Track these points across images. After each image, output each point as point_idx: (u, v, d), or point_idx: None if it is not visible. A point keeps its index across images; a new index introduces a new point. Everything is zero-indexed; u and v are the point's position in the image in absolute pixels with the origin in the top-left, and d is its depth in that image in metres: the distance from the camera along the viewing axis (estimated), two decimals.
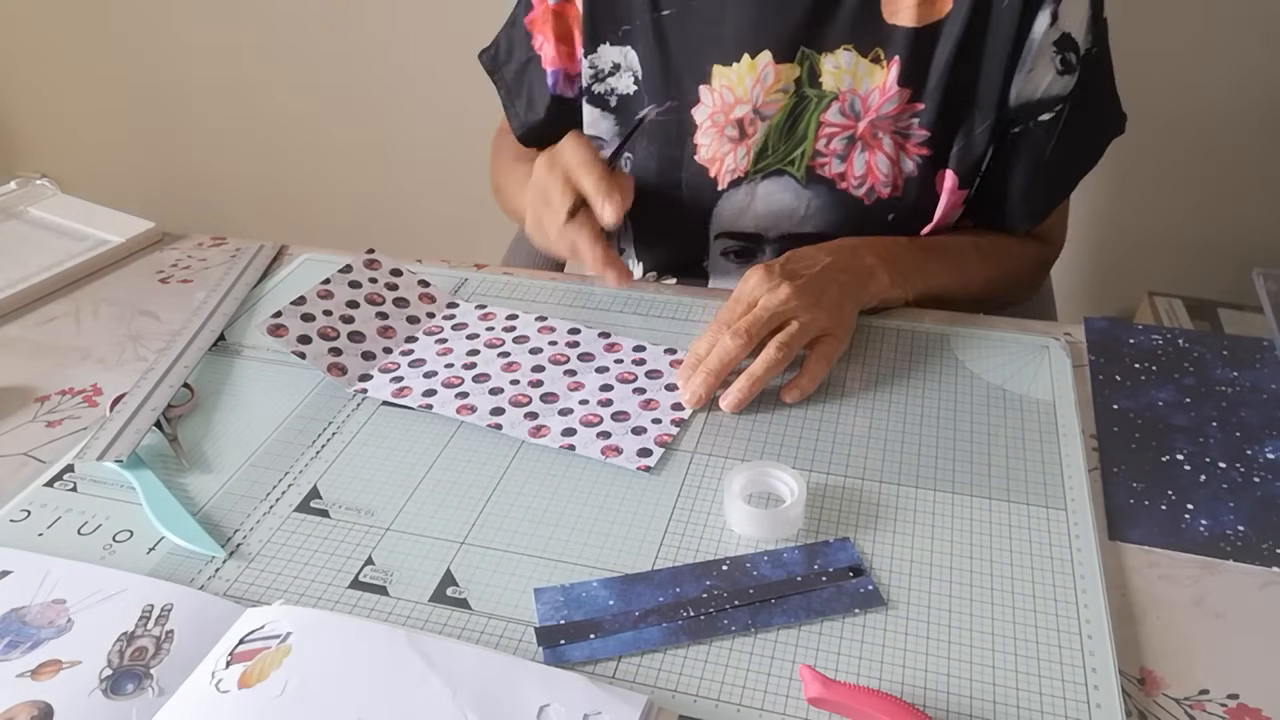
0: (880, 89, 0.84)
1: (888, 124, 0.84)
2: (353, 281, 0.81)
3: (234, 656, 0.51)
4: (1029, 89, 0.83)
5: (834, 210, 0.87)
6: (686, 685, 0.51)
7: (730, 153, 0.88)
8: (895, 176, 0.86)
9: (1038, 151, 0.85)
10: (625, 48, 0.90)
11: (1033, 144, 0.85)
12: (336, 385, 0.73)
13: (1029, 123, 0.84)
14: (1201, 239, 1.53)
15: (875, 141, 0.85)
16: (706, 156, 0.89)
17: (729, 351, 0.70)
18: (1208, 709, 0.50)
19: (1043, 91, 0.83)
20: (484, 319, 0.81)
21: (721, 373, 0.70)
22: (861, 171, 0.86)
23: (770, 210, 0.89)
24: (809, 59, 0.84)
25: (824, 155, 0.86)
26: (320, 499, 0.64)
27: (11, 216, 1.00)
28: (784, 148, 0.87)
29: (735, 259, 0.93)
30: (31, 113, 2.10)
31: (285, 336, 0.74)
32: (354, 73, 1.80)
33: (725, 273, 0.94)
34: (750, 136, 0.87)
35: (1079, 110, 0.85)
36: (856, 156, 0.85)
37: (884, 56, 0.83)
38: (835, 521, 0.61)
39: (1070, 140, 0.86)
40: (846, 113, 0.85)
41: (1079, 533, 0.60)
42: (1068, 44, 0.82)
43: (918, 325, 0.81)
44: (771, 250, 0.90)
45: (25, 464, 0.68)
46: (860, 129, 0.85)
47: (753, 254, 0.92)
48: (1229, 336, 0.80)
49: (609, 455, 0.66)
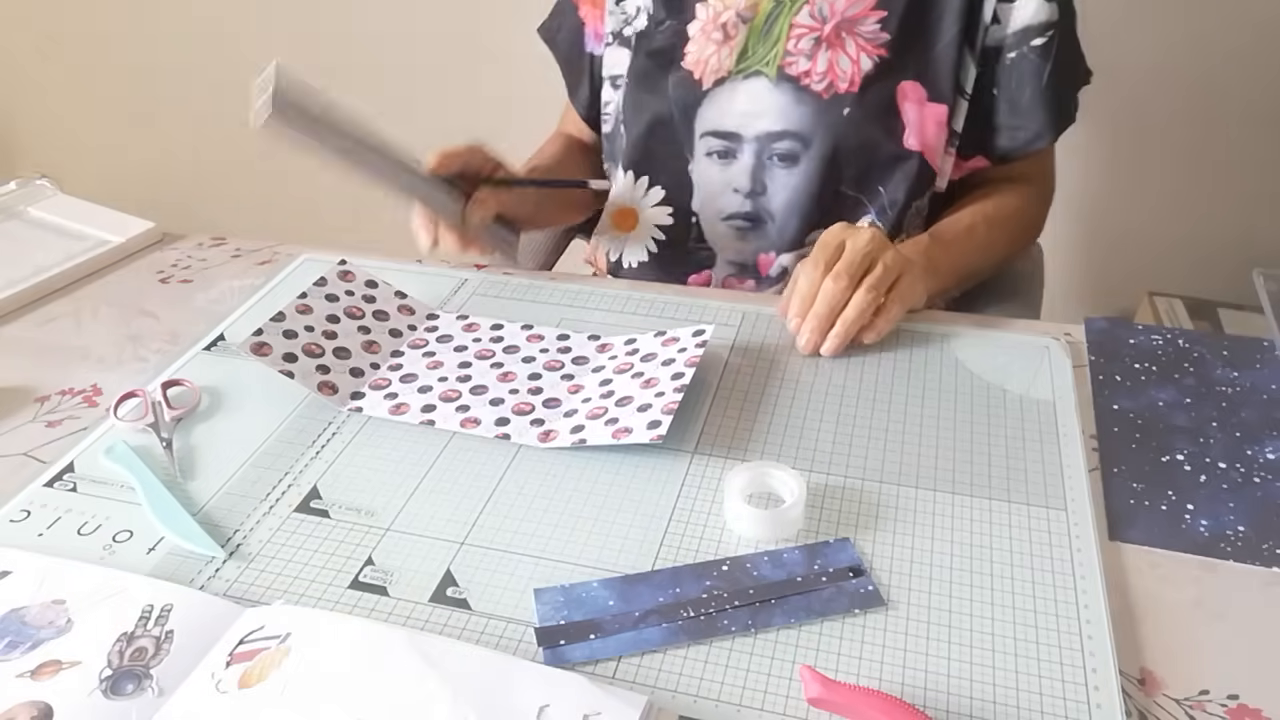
0: None
1: (851, 25, 0.90)
2: (329, 295, 0.80)
3: (234, 657, 0.51)
4: (1020, 16, 0.89)
5: (798, 107, 0.92)
6: (686, 685, 0.51)
7: (714, 54, 0.94)
8: (853, 74, 0.90)
9: (1037, 73, 0.90)
10: None
11: (1031, 67, 0.90)
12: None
13: (1023, 48, 0.90)
14: (1201, 239, 1.53)
15: (839, 42, 0.90)
16: (692, 60, 0.94)
17: (835, 295, 0.75)
18: (1208, 709, 0.50)
19: (1031, 17, 0.89)
20: (468, 330, 0.80)
21: (831, 317, 0.76)
22: (824, 69, 0.91)
23: (748, 109, 0.93)
24: None
25: (793, 55, 0.92)
26: (320, 499, 0.64)
27: (11, 216, 1.00)
28: (761, 49, 0.93)
29: (719, 159, 0.96)
30: (31, 113, 2.10)
31: (269, 355, 0.73)
32: (354, 73, 1.80)
33: (710, 176, 0.97)
34: (732, 39, 0.93)
35: (1064, 43, 0.91)
36: (820, 55, 0.91)
37: None
38: (835, 521, 0.61)
39: (1062, 67, 0.91)
40: (815, 16, 0.91)
41: (1079, 533, 0.60)
42: None
43: (918, 325, 0.81)
44: (750, 150, 0.95)
45: (25, 464, 0.68)
46: (826, 30, 0.91)
47: (734, 154, 0.95)
48: (1229, 336, 0.80)
49: (620, 437, 0.66)
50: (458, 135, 1.17)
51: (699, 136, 0.96)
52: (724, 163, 0.95)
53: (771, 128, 0.93)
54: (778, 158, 0.93)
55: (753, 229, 0.96)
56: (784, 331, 0.79)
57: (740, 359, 0.77)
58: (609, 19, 1.01)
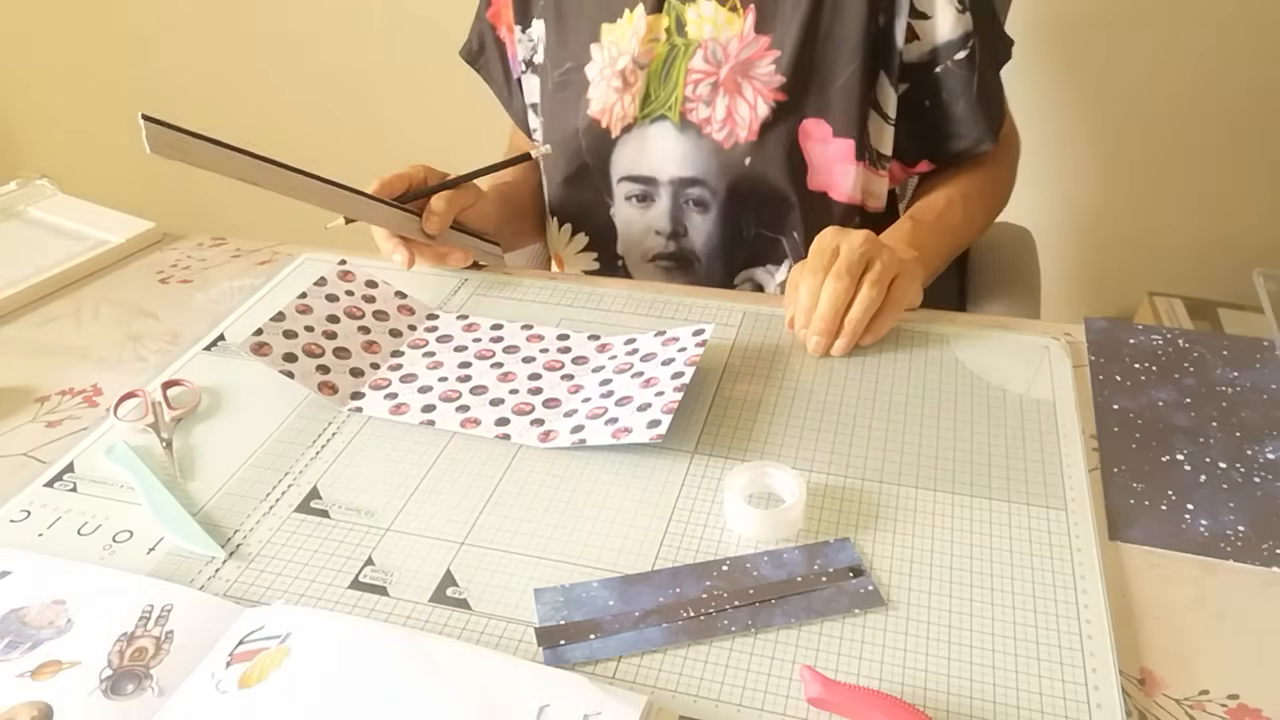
0: (739, 36, 0.89)
1: (746, 69, 0.89)
2: (330, 295, 0.80)
3: (234, 657, 0.51)
4: (937, 33, 0.88)
5: (700, 154, 0.92)
6: (686, 685, 0.51)
7: (617, 102, 0.93)
8: (751, 120, 0.89)
9: (965, 82, 0.90)
10: (540, 20, 0.98)
11: (960, 77, 0.90)
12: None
13: (947, 62, 0.89)
14: (1201, 239, 1.53)
15: (735, 87, 0.89)
16: (597, 109, 0.94)
17: (839, 295, 0.75)
18: (1208, 709, 0.50)
19: (949, 32, 0.88)
20: (468, 330, 0.80)
21: (837, 318, 0.75)
22: (722, 116, 0.90)
23: (657, 153, 0.93)
24: (675, 9, 0.91)
25: (692, 101, 0.91)
26: (320, 499, 0.64)
27: (11, 216, 1.00)
28: (663, 94, 0.92)
29: (638, 203, 0.96)
30: (31, 113, 2.10)
31: (269, 355, 0.73)
32: (354, 72, 1.80)
33: (631, 220, 0.97)
34: (633, 85, 0.92)
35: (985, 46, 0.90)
36: (719, 101, 0.90)
37: (739, 5, 0.89)
38: (835, 521, 0.61)
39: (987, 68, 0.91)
40: (709, 59, 0.90)
41: (1079, 533, 0.60)
42: None
43: (917, 325, 0.81)
44: (666, 193, 0.94)
45: (25, 464, 0.68)
46: (722, 75, 0.90)
47: (652, 197, 0.95)
48: (1229, 336, 0.80)
49: (620, 436, 0.66)
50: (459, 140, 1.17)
51: (616, 181, 0.96)
52: (643, 206, 0.96)
53: (682, 173, 0.93)
54: (692, 202, 0.94)
55: (679, 269, 0.97)
56: (784, 331, 0.79)
57: (740, 359, 0.77)
58: (519, 46, 1.00)
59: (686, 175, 0.93)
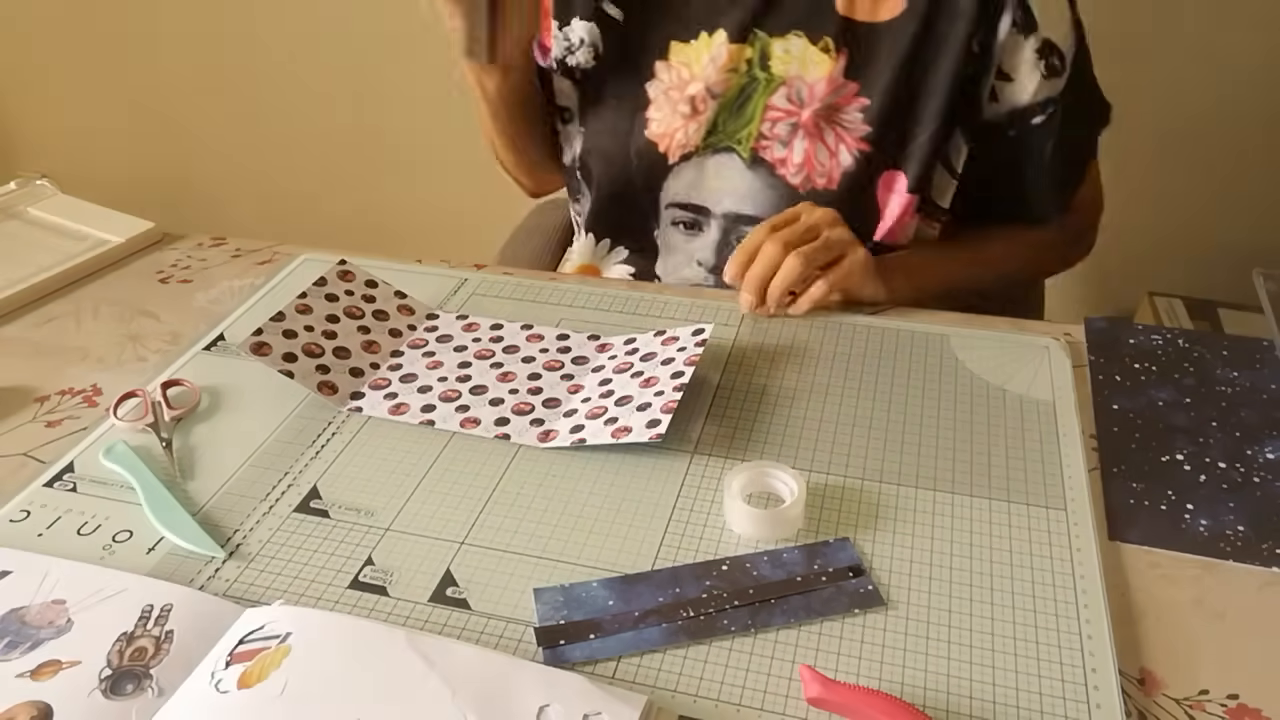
0: (827, 79, 0.85)
1: (831, 114, 0.86)
2: (329, 295, 0.80)
3: (234, 657, 0.51)
4: (1015, 96, 0.85)
5: (769, 194, 0.89)
6: (686, 685, 0.51)
7: (681, 128, 0.89)
8: (832, 169, 0.87)
9: (1039, 150, 0.87)
10: (592, 24, 0.92)
11: (1032, 145, 0.87)
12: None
13: (1023, 126, 0.86)
14: (1201, 239, 1.53)
15: (816, 131, 0.86)
16: (657, 131, 0.90)
17: (771, 258, 0.78)
18: (1208, 709, 0.50)
19: (1030, 97, 0.85)
20: (468, 329, 0.80)
21: (766, 278, 0.78)
22: (800, 160, 0.87)
23: (717, 185, 0.91)
24: (761, 41, 0.86)
25: (768, 139, 0.88)
26: (320, 499, 0.64)
27: (11, 216, 1.00)
28: (732, 126, 0.89)
29: (685, 230, 0.94)
30: (31, 113, 2.10)
31: (269, 355, 0.73)
32: (354, 72, 1.80)
33: (675, 245, 0.95)
34: (701, 113, 0.88)
35: (1071, 109, 0.86)
36: (797, 143, 0.87)
37: (833, 47, 0.85)
38: (835, 521, 0.61)
39: (1069, 137, 0.87)
40: (792, 99, 0.86)
41: (1079, 533, 0.60)
42: (1050, 50, 0.83)
43: (918, 325, 0.81)
44: (717, 226, 0.92)
45: (25, 464, 0.68)
46: (804, 117, 0.86)
47: (700, 226, 0.93)
48: (1229, 336, 0.80)
49: (619, 436, 0.66)
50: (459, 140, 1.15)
51: (664, 207, 0.93)
52: (690, 233, 0.93)
53: (740, 209, 0.90)
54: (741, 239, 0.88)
55: None
56: (784, 331, 0.79)
57: (740, 359, 0.77)
58: (554, 42, 0.95)
59: (745, 212, 0.90)
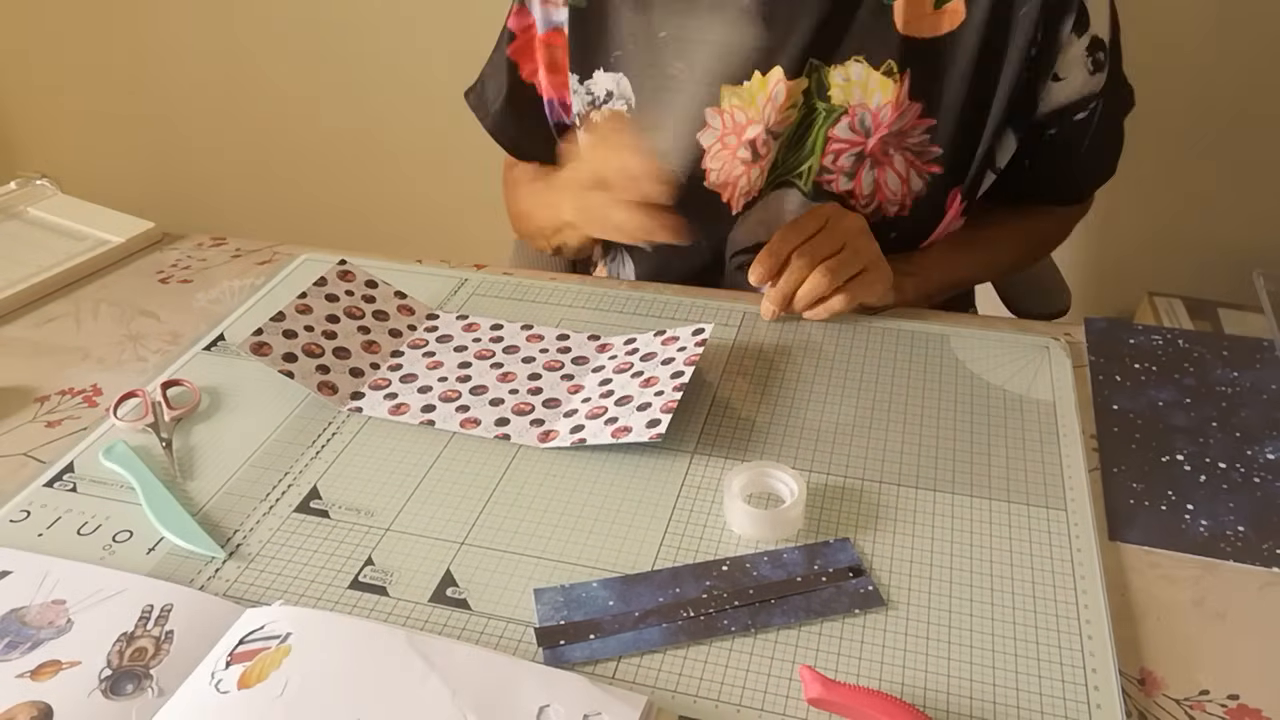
0: (892, 103, 0.80)
1: (899, 140, 0.82)
2: (329, 295, 0.80)
3: (234, 657, 0.51)
4: (1063, 95, 0.83)
5: None
6: (686, 685, 0.51)
7: (744, 175, 0.85)
8: (904, 195, 0.84)
9: (1076, 145, 0.86)
10: (618, 74, 0.87)
11: (1070, 140, 0.86)
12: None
13: (1064, 124, 0.84)
14: (1201, 239, 1.53)
15: (886, 159, 0.82)
16: (718, 181, 0.86)
17: (797, 273, 0.78)
18: (1208, 709, 0.50)
19: (1076, 94, 0.83)
20: (468, 330, 0.80)
21: (791, 294, 0.78)
22: (869, 190, 0.83)
23: (779, 221, 0.86)
24: (817, 71, 0.81)
25: (831, 172, 0.84)
26: (320, 499, 0.64)
27: (11, 216, 1.00)
28: (791, 160, 0.85)
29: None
30: (31, 113, 2.10)
31: (269, 355, 0.73)
32: (354, 72, 1.80)
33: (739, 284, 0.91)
34: (764, 158, 0.84)
35: (1109, 100, 0.85)
36: (865, 174, 0.83)
37: (896, 69, 0.80)
38: (835, 521, 0.61)
39: (1104, 128, 0.86)
40: (856, 128, 0.82)
41: (1079, 533, 0.60)
42: (1097, 45, 0.82)
43: (918, 325, 0.81)
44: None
45: (25, 464, 0.68)
46: (870, 145, 0.82)
47: None
48: (1229, 336, 0.80)
49: (619, 436, 0.66)
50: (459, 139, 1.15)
51: (729, 256, 0.90)
52: None
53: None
54: None
55: None
56: (784, 332, 0.79)
57: (740, 359, 0.77)
58: (574, 98, 0.90)
59: None
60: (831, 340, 0.79)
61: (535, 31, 0.90)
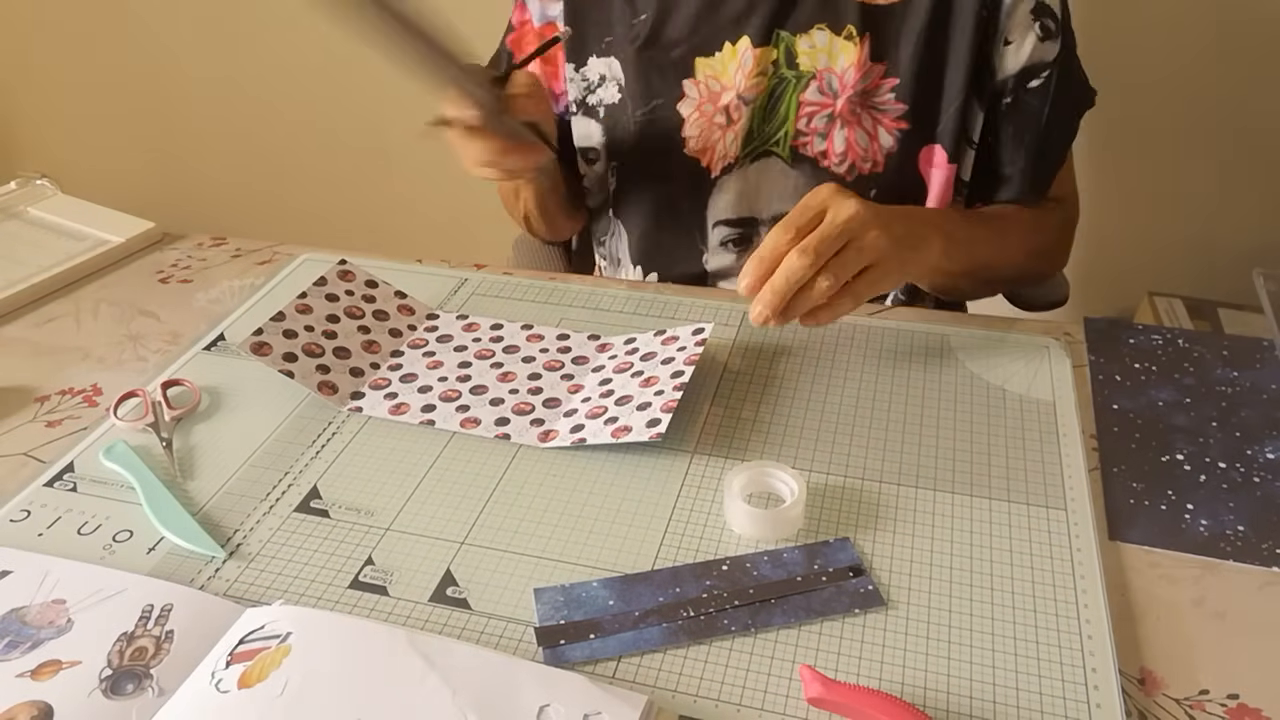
0: (855, 65, 0.85)
1: (865, 99, 0.86)
2: (329, 294, 0.80)
3: (234, 656, 0.51)
4: (1014, 60, 0.85)
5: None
6: (686, 685, 0.51)
7: (719, 140, 0.89)
8: (874, 152, 0.87)
9: (1034, 118, 0.86)
10: (609, 58, 0.92)
11: (1027, 112, 0.86)
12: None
13: (1020, 91, 0.86)
14: (1201, 239, 1.53)
15: (854, 118, 0.86)
16: (696, 148, 0.90)
17: (796, 272, 0.67)
18: (1208, 709, 0.50)
19: (1027, 59, 0.84)
20: (468, 329, 0.80)
21: (788, 293, 0.67)
22: (842, 149, 0.87)
23: (762, 192, 0.90)
24: (785, 41, 0.87)
25: (806, 134, 0.88)
26: (320, 499, 0.64)
27: (11, 216, 1.00)
28: (768, 129, 0.89)
29: (734, 247, 0.93)
30: (31, 113, 2.10)
31: (269, 355, 0.73)
32: (353, 72, 1.80)
33: (724, 265, 0.94)
34: (736, 122, 0.88)
35: (1063, 78, 0.86)
36: (836, 134, 0.87)
37: (856, 34, 0.85)
38: (835, 521, 0.61)
39: (1059, 108, 0.87)
40: (825, 91, 0.87)
41: (1079, 533, 0.60)
42: (1044, 10, 0.84)
43: (917, 325, 0.81)
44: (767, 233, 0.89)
45: (25, 464, 0.68)
46: (839, 106, 0.86)
47: (749, 239, 0.93)
48: (1229, 336, 0.80)
49: (619, 435, 0.66)
50: None
51: (712, 226, 0.93)
52: (740, 249, 0.93)
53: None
54: None
55: None
56: (784, 331, 0.79)
57: (740, 359, 0.77)
58: (570, 86, 0.94)
59: None
60: (831, 340, 0.79)
61: (532, 25, 0.95)
